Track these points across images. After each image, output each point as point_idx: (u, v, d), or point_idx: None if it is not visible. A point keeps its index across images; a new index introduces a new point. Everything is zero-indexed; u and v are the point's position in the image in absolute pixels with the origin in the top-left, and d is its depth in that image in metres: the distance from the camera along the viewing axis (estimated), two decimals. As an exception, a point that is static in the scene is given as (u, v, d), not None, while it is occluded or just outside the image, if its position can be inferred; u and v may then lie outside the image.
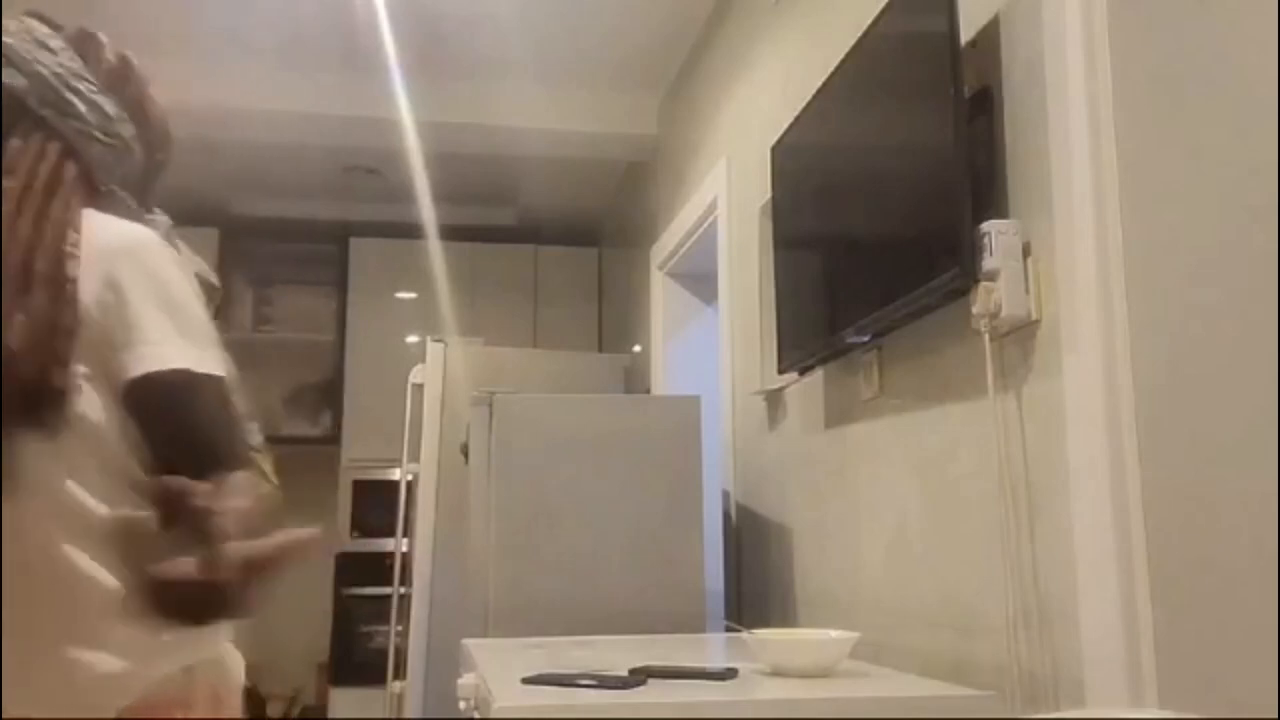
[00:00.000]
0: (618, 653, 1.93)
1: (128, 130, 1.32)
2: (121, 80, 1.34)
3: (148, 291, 1.16)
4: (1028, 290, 1.56)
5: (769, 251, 2.56)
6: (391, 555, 3.98)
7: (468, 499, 2.74)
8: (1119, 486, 1.36)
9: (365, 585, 4.85)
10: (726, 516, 3.00)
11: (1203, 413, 1.25)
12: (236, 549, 0.92)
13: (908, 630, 1.91)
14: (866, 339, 2.04)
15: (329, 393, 5.28)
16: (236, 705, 1.27)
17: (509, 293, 5.31)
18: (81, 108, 1.26)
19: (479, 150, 4.38)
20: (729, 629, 2.74)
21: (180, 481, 0.95)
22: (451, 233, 5.13)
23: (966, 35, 1.72)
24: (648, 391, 4.01)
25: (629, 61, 3.86)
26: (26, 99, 1.22)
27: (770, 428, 2.70)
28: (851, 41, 2.03)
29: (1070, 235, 1.47)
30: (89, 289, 1.14)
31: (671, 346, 3.93)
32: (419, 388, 3.79)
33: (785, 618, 2.52)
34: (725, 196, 3.15)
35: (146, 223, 1.27)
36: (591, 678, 1.53)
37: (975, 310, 1.60)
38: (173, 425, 1.15)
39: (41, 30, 1.27)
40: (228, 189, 5.17)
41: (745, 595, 2.85)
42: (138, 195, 1.34)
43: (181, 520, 0.94)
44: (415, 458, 3.75)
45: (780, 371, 2.43)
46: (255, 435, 1.31)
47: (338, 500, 5.01)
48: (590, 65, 3.88)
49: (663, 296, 3.99)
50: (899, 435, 1.97)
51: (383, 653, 4.19)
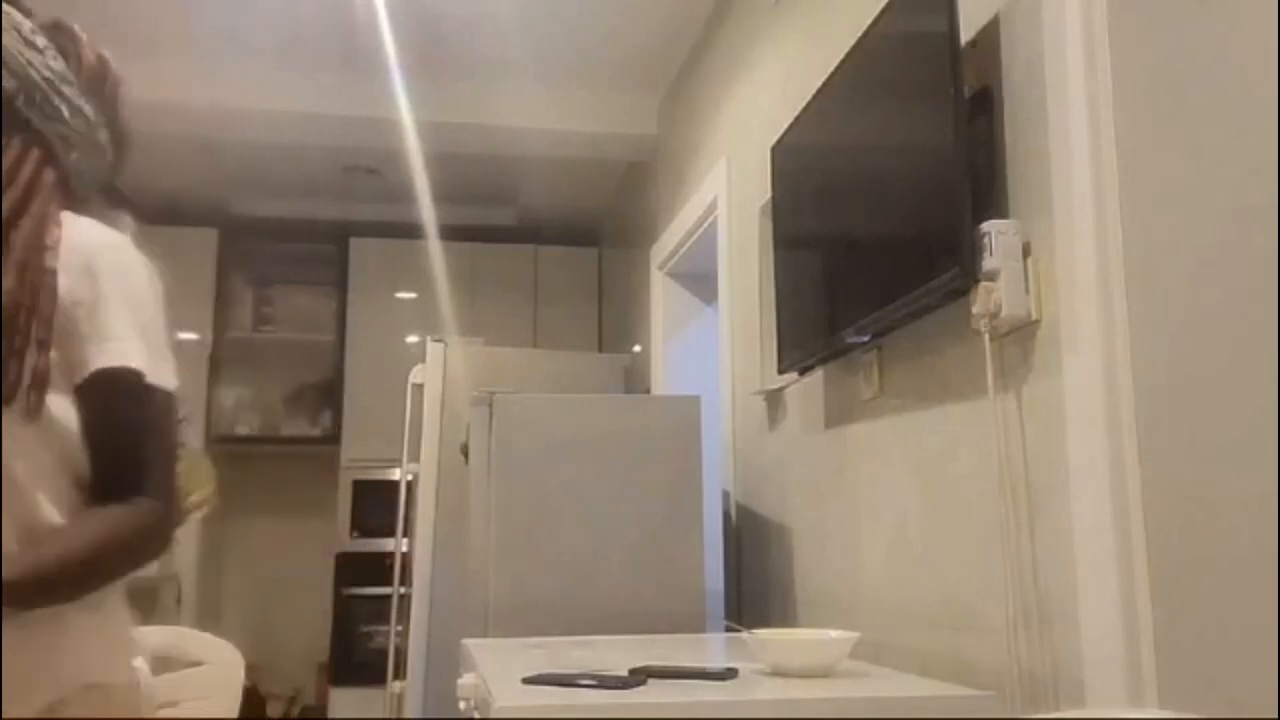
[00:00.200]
0: (618, 653, 1.93)
1: (104, 136, 1.32)
2: (99, 81, 1.33)
3: (119, 292, 1.20)
4: (1028, 290, 1.56)
5: (769, 251, 2.56)
6: (391, 555, 3.98)
7: (468, 499, 2.74)
8: (1119, 486, 1.36)
9: (365, 585, 4.85)
10: (726, 516, 3.00)
11: (1203, 413, 1.25)
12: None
13: (908, 630, 1.91)
14: (866, 339, 2.04)
15: (329, 393, 5.28)
16: None
17: (509, 293, 5.31)
18: (66, 113, 1.26)
19: (479, 150, 4.38)
20: (729, 629, 2.74)
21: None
22: (451, 233, 5.13)
23: (966, 35, 1.72)
24: (648, 391, 4.01)
25: (629, 61, 3.86)
26: (15, 100, 1.22)
27: (770, 428, 2.70)
28: (851, 41, 2.03)
29: (1070, 235, 1.47)
30: (64, 281, 1.17)
31: (671, 346, 3.93)
32: (419, 388, 3.79)
33: (785, 618, 2.52)
34: (725, 196, 3.15)
35: (114, 224, 1.28)
36: (591, 678, 1.53)
37: (975, 310, 1.60)
38: (113, 425, 1.18)
39: (24, 24, 1.25)
40: (228, 189, 5.17)
41: (745, 595, 2.85)
42: (105, 196, 1.35)
43: None
44: (415, 458, 3.75)
45: (780, 371, 2.43)
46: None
47: (338, 500, 5.01)
48: (590, 65, 3.88)
49: (663, 296, 3.99)
50: (899, 435, 1.97)
51: (383, 653, 4.19)
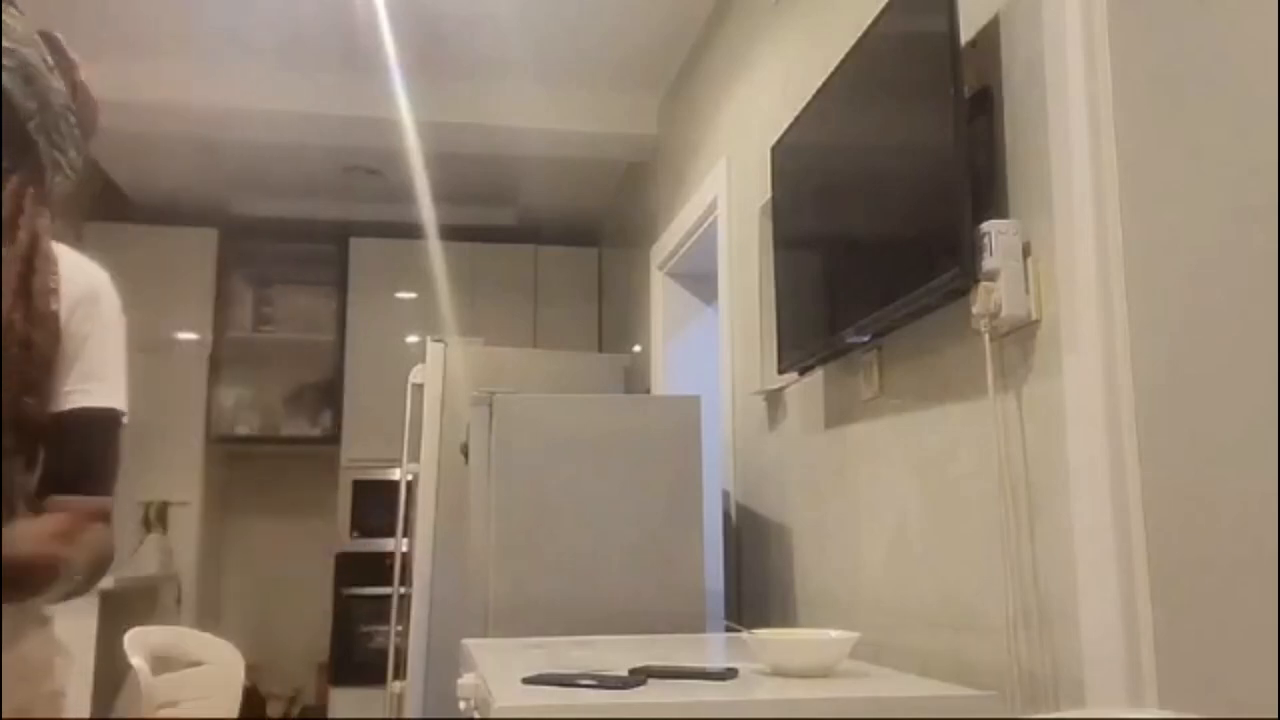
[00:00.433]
0: (618, 653, 1.93)
1: (80, 162, 1.32)
2: (82, 103, 1.32)
3: (107, 333, 1.26)
4: (1028, 290, 1.56)
5: (769, 251, 2.56)
6: (391, 555, 3.98)
7: (468, 499, 2.74)
8: (1119, 486, 1.36)
9: (365, 585, 4.85)
10: (726, 516, 3.00)
11: (1203, 413, 1.25)
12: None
13: (908, 630, 1.91)
14: (866, 339, 2.04)
15: (329, 393, 5.28)
16: None
17: (509, 293, 5.31)
18: (67, 142, 1.26)
19: (479, 150, 4.38)
20: (729, 629, 2.74)
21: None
22: (451, 233, 5.13)
23: (966, 35, 1.72)
24: (648, 391, 4.01)
25: (629, 61, 3.86)
26: (30, 120, 1.21)
27: (770, 428, 2.70)
28: (851, 41, 2.03)
29: (1070, 235, 1.46)
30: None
31: (671, 346, 3.93)
32: (419, 388, 3.79)
33: (785, 618, 2.52)
34: (725, 196, 3.15)
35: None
36: (591, 678, 1.53)
37: (975, 310, 1.60)
38: (87, 454, 1.25)
39: (41, 44, 1.25)
40: (228, 189, 5.17)
41: (745, 595, 2.85)
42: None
43: None
44: (415, 458, 3.75)
45: (780, 371, 2.43)
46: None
47: (338, 500, 5.01)
48: (590, 65, 3.88)
49: (663, 296, 3.99)
50: (899, 435, 1.97)
51: (383, 653, 4.19)
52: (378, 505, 4.82)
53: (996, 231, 1.57)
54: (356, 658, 4.84)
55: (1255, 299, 1.17)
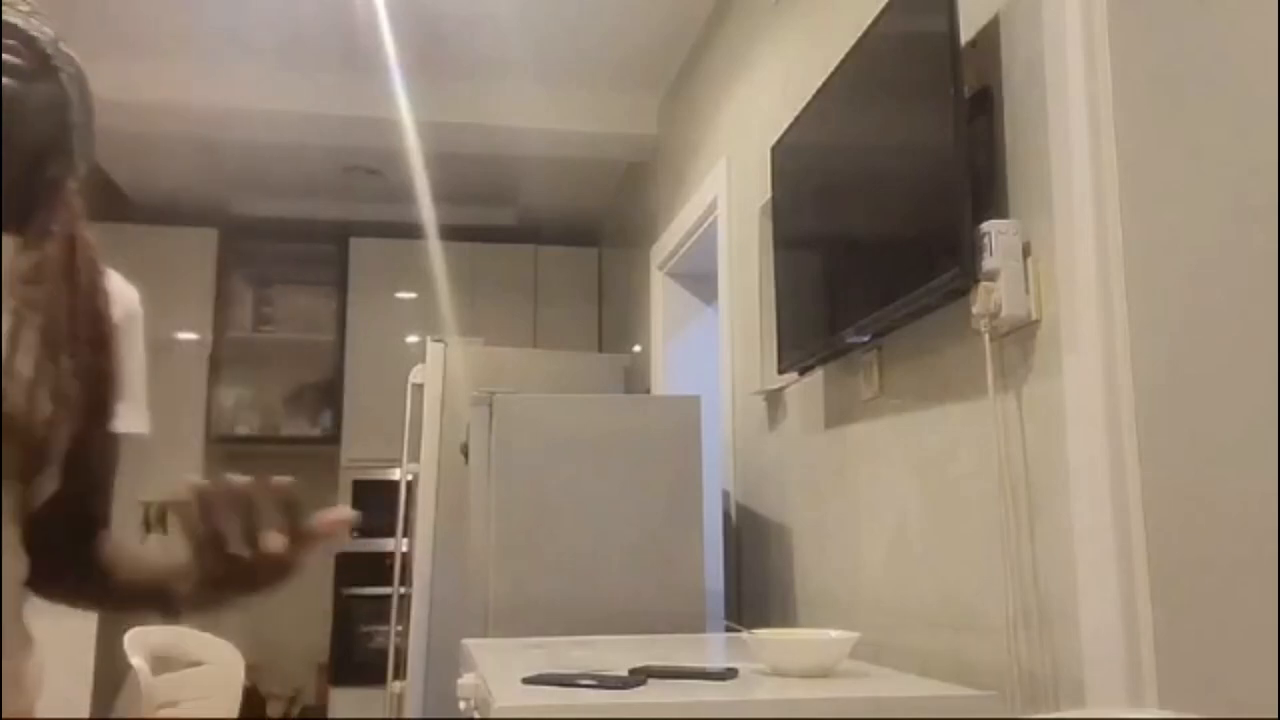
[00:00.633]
0: (618, 653, 1.93)
1: (84, 174, 1.31)
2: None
3: (137, 355, 1.25)
4: (1028, 290, 1.56)
5: (769, 251, 2.56)
6: (391, 555, 3.98)
7: (468, 499, 2.74)
8: (1119, 486, 1.36)
9: (365, 585, 4.86)
10: (726, 516, 3.00)
11: (1203, 413, 1.25)
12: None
13: (908, 630, 1.91)
14: (866, 339, 2.04)
15: (329, 393, 5.28)
16: None
17: (509, 293, 5.31)
18: (86, 165, 1.26)
19: (479, 150, 4.39)
20: (729, 629, 2.74)
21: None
22: (451, 233, 5.13)
23: (966, 35, 1.72)
24: (648, 391, 4.01)
25: (629, 61, 3.86)
26: (72, 136, 1.19)
27: (770, 428, 2.70)
28: (851, 41, 2.03)
29: (1070, 235, 1.46)
30: None
31: (671, 346, 3.93)
32: (419, 388, 3.79)
33: (785, 618, 2.52)
34: (725, 196, 3.15)
35: None
36: (591, 678, 1.53)
37: (975, 310, 1.60)
38: (106, 473, 1.24)
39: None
40: (228, 189, 5.17)
41: (745, 595, 2.85)
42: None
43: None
44: (415, 458, 3.76)
45: (780, 371, 2.43)
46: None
47: (338, 500, 5.00)
48: (590, 65, 3.88)
49: (663, 296, 3.99)
50: (899, 435, 1.97)
51: (383, 653, 4.19)
52: (378, 505, 4.80)
53: (996, 231, 1.57)
54: (356, 658, 4.85)
55: (1255, 299, 1.17)
